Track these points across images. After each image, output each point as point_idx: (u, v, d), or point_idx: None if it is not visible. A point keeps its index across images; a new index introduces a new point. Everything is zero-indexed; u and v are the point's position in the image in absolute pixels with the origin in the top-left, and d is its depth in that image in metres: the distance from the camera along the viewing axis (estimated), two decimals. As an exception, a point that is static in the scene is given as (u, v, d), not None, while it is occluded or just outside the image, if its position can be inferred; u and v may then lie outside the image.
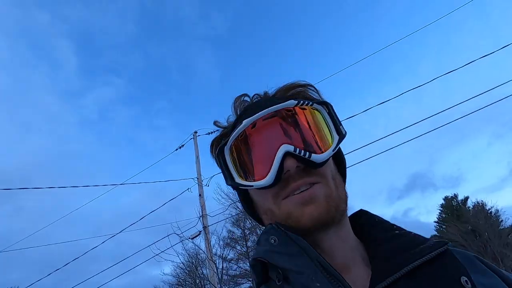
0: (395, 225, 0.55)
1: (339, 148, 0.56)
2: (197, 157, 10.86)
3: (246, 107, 0.62)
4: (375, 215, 0.59)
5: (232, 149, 0.55)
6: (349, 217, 0.58)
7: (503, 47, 7.03)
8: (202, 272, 17.02)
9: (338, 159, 0.61)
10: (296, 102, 0.53)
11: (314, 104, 0.55)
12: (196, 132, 11.38)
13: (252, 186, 0.52)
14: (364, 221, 0.58)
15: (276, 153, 0.49)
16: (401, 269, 0.44)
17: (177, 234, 9.85)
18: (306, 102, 0.54)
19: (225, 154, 0.55)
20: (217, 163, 0.59)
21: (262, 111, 0.51)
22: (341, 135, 0.54)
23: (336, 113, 0.56)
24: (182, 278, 17.93)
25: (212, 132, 12.15)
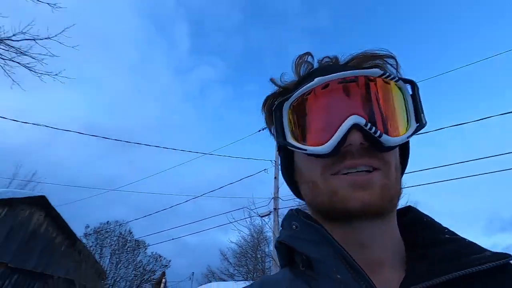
0: (448, 228, 0.48)
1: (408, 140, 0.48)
2: (279, 141, 11.15)
3: (317, 68, 0.56)
4: (424, 214, 0.52)
5: (293, 107, 0.50)
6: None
7: None
8: (264, 250, 18.10)
9: (404, 150, 0.53)
10: (382, 72, 0.47)
11: (400, 80, 0.48)
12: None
13: (305, 150, 0.46)
14: (410, 220, 0.51)
15: (343, 122, 0.44)
16: (442, 276, 0.38)
17: (249, 209, 10.60)
18: (392, 76, 0.47)
19: (283, 110, 0.50)
20: (269, 118, 0.56)
21: (340, 73, 0.46)
22: (421, 124, 0.47)
23: (421, 98, 0.49)
24: (245, 250, 19.37)
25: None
